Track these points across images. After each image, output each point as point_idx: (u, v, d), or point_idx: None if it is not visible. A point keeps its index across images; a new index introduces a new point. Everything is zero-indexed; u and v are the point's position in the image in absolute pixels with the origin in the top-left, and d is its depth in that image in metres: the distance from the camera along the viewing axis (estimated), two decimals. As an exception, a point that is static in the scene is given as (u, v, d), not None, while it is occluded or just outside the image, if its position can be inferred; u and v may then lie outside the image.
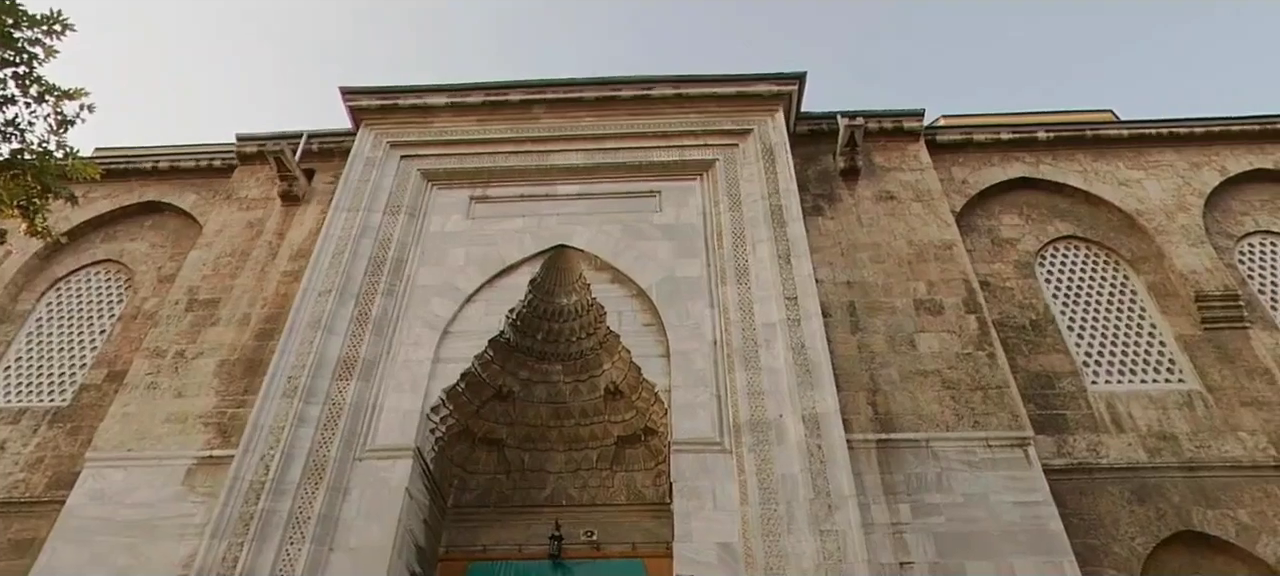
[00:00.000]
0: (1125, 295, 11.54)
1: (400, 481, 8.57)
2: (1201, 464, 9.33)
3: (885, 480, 8.69)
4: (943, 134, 13.47)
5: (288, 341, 9.69)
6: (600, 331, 10.24)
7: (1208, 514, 8.92)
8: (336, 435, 8.87)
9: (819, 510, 8.05)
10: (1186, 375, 10.39)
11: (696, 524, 8.13)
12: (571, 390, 10.37)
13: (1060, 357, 10.52)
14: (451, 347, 9.90)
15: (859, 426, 9.14)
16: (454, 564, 9.19)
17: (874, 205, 11.94)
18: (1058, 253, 12.18)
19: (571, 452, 10.16)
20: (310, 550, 7.93)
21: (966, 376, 9.66)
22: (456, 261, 10.87)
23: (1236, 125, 13.34)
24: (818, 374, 9.17)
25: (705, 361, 9.56)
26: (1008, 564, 8.03)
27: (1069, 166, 13.08)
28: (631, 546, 9.23)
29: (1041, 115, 15.10)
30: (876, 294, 10.68)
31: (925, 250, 11.20)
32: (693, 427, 8.92)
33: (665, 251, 10.84)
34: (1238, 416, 9.83)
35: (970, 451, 8.90)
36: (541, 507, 9.68)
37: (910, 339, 10.13)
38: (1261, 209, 12.60)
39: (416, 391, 9.42)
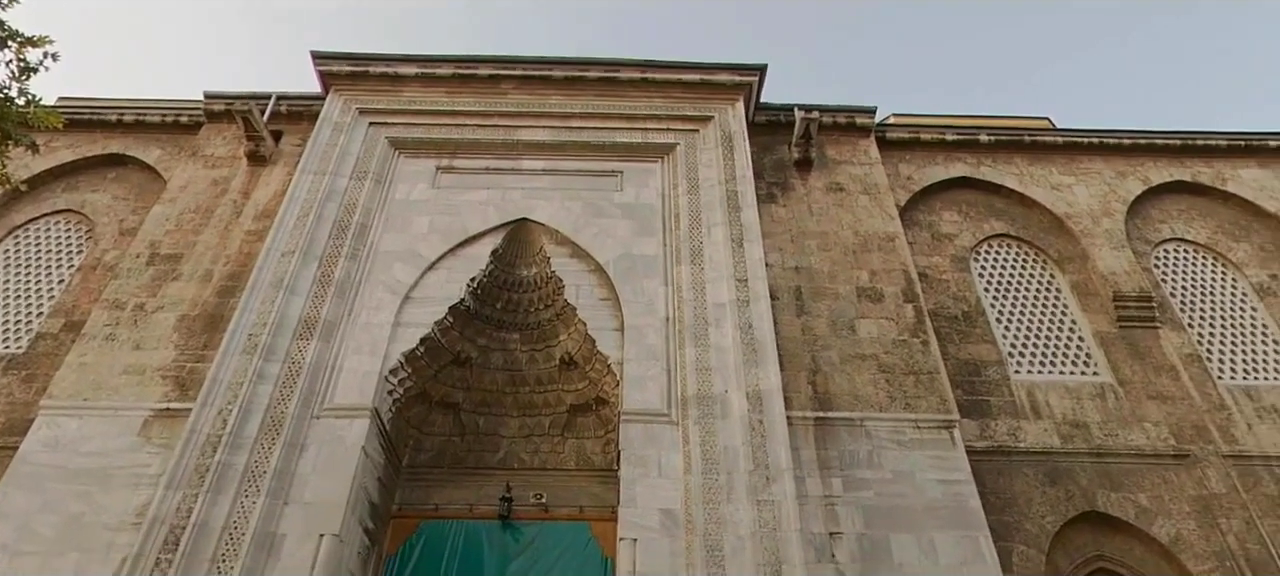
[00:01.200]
0: (1051, 292, 11.89)
1: (356, 440, 8.47)
2: (1109, 451, 9.72)
3: (821, 455, 8.87)
4: (892, 131, 13.65)
5: (249, 299, 9.47)
6: (558, 303, 10.21)
7: (1111, 496, 9.30)
8: (295, 393, 8.72)
9: (757, 481, 8.18)
10: (1101, 369, 10.78)
11: (641, 490, 8.21)
12: (528, 358, 10.33)
13: (988, 348, 10.82)
14: (412, 313, 9.79)
15: (799, 404, 9.30)
16: (406, 521, 9.14)
17: (824, 196, 12.07)
18: (992, 249, 12.48)
19: (525, 418, 10.15)
20: (265, 503, 7.82)
21: (901, 361, 9.87)
22: (420, 229, 10.71)
23: (1160, 139, 13.76)
24: (763, 353, 9.28)
25: (657, 337, 9.61)
26: (929, 537, 8.28)
27: (1007, 169, 13.37)
28: (579, 509, 9.28)
29: (984, 119, 15.39)
30: (822, 280, 10.83)
31: (870, 241, 11.37)
32: (642, 399, 8.97)
33: (624, 229, 10.83)
34: (1144, 408, 10.24)
35: (901, 431, 9.13)
36: (494, 470, 9.67)
37: (851, 324, 10.31)
38: (1178, 218, 13.06)
39: (376, 354, 9.30)
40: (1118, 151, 13.73)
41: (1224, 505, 9.26)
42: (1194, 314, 11.71)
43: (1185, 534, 9.00)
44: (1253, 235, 12.81)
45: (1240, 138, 13.80)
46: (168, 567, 7.25)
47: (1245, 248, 12.61)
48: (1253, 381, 10.81)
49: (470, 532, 9.02)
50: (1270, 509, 9.26)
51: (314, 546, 7.63)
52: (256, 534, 7.60)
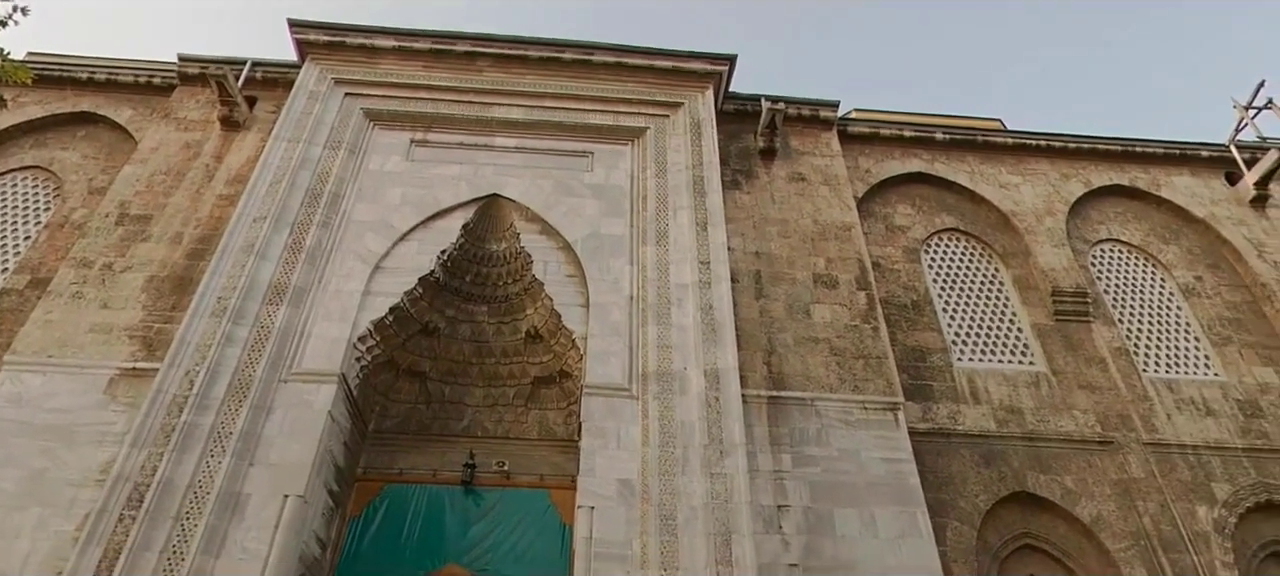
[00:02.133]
0: (994, 285, 12.16)
1: (324, 404, 8.37)
2: (1040, 435, 10.02)
3: (772, 432, 9.01)
4: (853, 126, 13.76)
5: (219, 263, 9.27)
6: (526, 278, 10.16)
7: (1040, 478, 9.61)
8: (263, 356, 8.58)
9: (712, 455, 8.29)
10: (1037, 359, 11.08)
11: (600, 460, 8.26)
12: (494, 331, 10.29)
13: (933, 336, 11.05)
14: (382, 282, 9.66)
15: (754, 383, 9.42)
16: (370, 484, 9.09)
17: (786, 185, 12.15)
18: (942, 242, 12.70)
19: (490, 388, 10.12)
20: (230, 463, 7.71)
21: (852, 345, 10.04)
22: (393, 200, 10.55)
23: (1102, 144, 14.09)
24: (722, 333, 9.36)
25: (621, 314, 9.63)
26: (871, 511, 8.49)
27: (959, 166, 13.58)
28: (539, 477, 9.31)
29: (940, 118, 15.58)
30: (781, 265, 10.93)
31: (827, 230, 11.50)
32: (605, 374, 9.00)
33: (593, 209, 10.79)
34: (1074, 397, 10.57)
35: (848, 411, 9.30)
36: (458, 437, 9.64)
37: (806, 308, 10.44)
38: (1115, 220, 13.42)
39: (345, 321, 9.18)
40: (1063, 154, 14.03)
41: (1142, 489, 9.63)
42: (1124, 310, 12.07)
43: (1105, 514, 9.35)
44: (1182, 238, 13.22)
45: (1176, 146, 14.19)
46: (131, 523, 7.13)
47: (1174, 250, 13.01)
48: (1174, 375, 11.21)
49: (433, 497, 9.01)
50: (1183, 493, 9.65)
51: (279, 506, 7.56)
52: (221, 493, 7.50)
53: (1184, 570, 8.96)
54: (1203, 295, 12.33)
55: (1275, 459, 10.18)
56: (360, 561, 8.47)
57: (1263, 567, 9.47)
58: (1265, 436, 10.43)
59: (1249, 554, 9.43)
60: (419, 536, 8.68)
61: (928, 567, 8.12)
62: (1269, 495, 9.79)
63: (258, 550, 7.26)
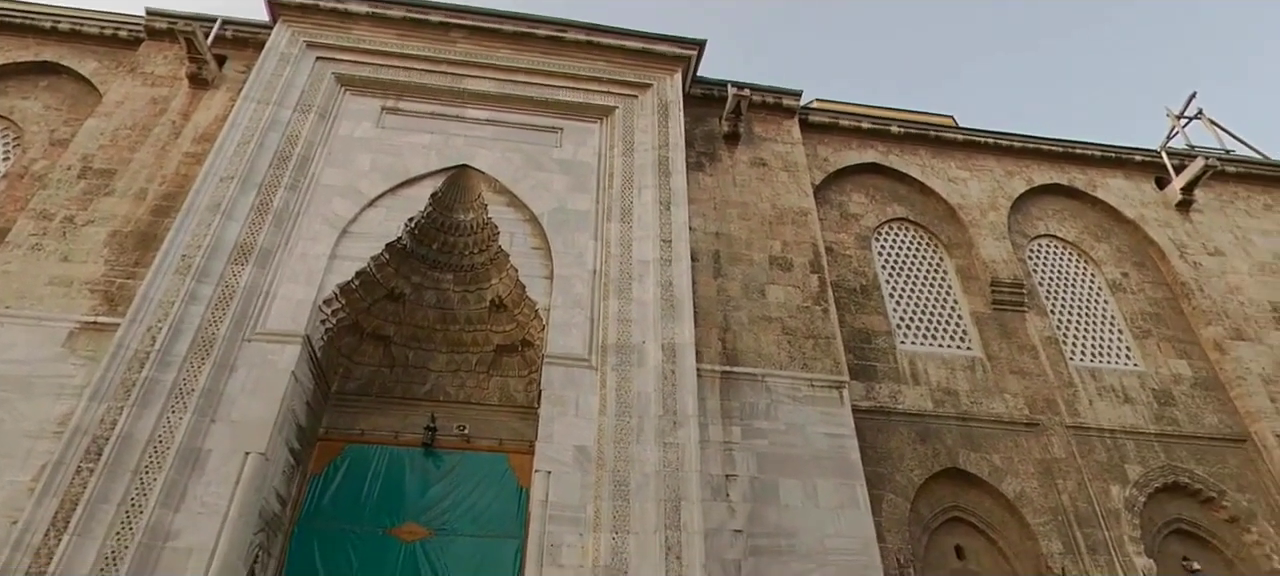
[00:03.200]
0: (938, 274, 12.41)
1: (287, 364, 8.21)
2: (972, 416, 10.33)
3: (724, 405, 9.13)
4: (814, 115, 13.82)
5: (185, 220, 8.97)
6: (492, 249, 10.06)
7: (971, 456, 9.92)
8: (227, 315, 8.35)
9: (665, 425, 8.37)
10: (974, 344, 11.38)
11: (558, 427, 8.28)
12: (459, 299, 10.17)
13: (880, 319, 11.26)
14: (349, 247, 9.46)
15: (709, 358, 9.51)
16: (332, 443, 8.97)
17: (748, 169, 12.19)
18: (892, 231, 12.90)
19: (453, 354, 10.03)
20: (192, 420, 7.53)
21: (803, 326, 10.18)
22: (362, 166, 10.31)
23: (1046, 145, 14.39)
24: (680, 309, 9.40)
25: (584, 287, 9.60)
26: (813, 483, 8.69)
27: (912, 160, 13.77)
28: (499, 442, 9.30)
29: (896, 111, 15.75)
30: (739, 246, 11.00)
31: (785, 214, 11.59)
32: (566, 344, 8.99)
33: (560, 184, 10.69)
34: (1006, 381, 10.90)
35: (797, 388, 9.46)
36: (420, 401, 9.55)
37: (762, 288, 10.54)
38: (1053, 216, 13.77)
39: (311, 283, 8.98)
40: (1009, 153, 14.30)
41: (1062, 468, 10.01)
42: (1056, 302, 12.44)
43: (1028, 491, 9.71)
44: (1112, 237, 13.64)
45: (1112, 150, 14.57)
46: (89, 476, 6.94)
47: (1105, 247, 13.43)
48: (1098, 364, 11.62)
49: (394, 457, 8.94)
50: (1099, 473, 10.07)
51: (239, 463, 7.42)
52: (182, 448, 7.34)
53: (1096, 544, 9.37)
54: (1128, 291, 12.76)
55: (1183, 444, 10.67)
56: (320, 517, 8.38)
57: (1165, 543, 9.96)
58: (1176, 423, 10.91)
59: (1154, 530, 9.90)
60: (379, 495, 8.62)
61: (864, 537, 8.36)
62: (1175, 477, 10.27)
63: (217, 505, 7.13)
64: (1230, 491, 10.26)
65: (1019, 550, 9.44)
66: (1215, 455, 10.65)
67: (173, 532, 6.95)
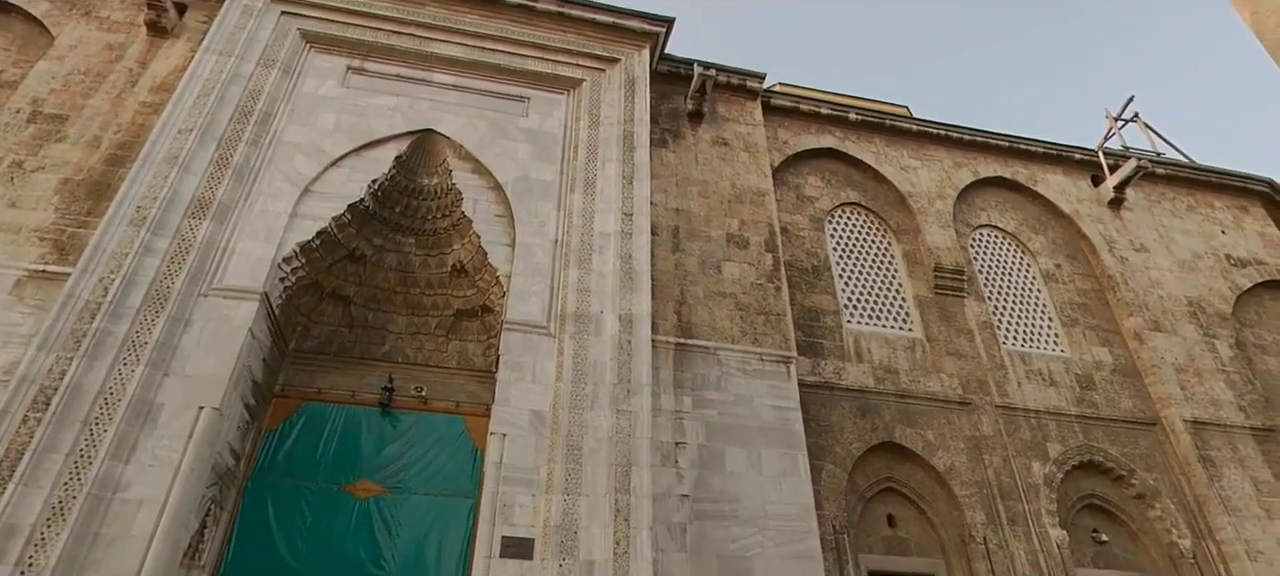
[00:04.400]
0: (886, 258, 12.65)
1: (244, 321, 7.99)
2: (910, 394, 10.62)
3: (677, 376, 9.21)
4: (776, 99, 13.83)
5: (140, 171, 8.60)
6: (455, 214, 9.89)
7: (907, 431, 10.22)
8: (183, 269, 8.07)
9: (619, 393, 8.42)
10: (915, 326, 11.66)
11: (515, 392, 8.25)
12: (421, 262, 10.00)
13: (829, 299, 11.45)
14: (310, 206, 9.19)
15: (665, 330, 9.56)
16: (288, 401, 8.79)
17: (710, 148, 12.18)
18: (844, 215, 13.07)
19: (413, 317, 9.87)
20: (144, 372, 7.30)
21: (756, 302, 10.29)
22: (326, 125, 9.98)
23: (993, 139, 14.67)
24: (638, 282, 9.41)
25: (545, 256, 9.52)
26: (758, 452, 8.86)
27: (867, 147, 13.91)
28: (456, 404, 9.23)
29: (854, 99, 15.85)
30: (698, 223, 11.03)
31: (744, 194, 11.64)
32: (525, 311, 8.93)
33: (525, 153, 10.53)
34: (943, 362, 11.22)
35: (747, 362, 9.59)
36: (378, 361, 9.41)
37: (718, 265, 10.60)
38: (995, 208, 14.10)
39: (270, 240, 8.72)
40: (958, 145, 14.55)
41: (989, 444, 10.39)
42: (993, 289, 12.80)
43: (957, 465, 10.06)
44: (1048, 230, 14.05)
45: (1053, 147, 14.94)
46: (36, 425, 6.69)
47: (1041, 239, 13.83)
48: (1028, 349, 12.03)
49: (350, 416, 8.81)
50: (1022, 450, 10.48)
51: (193, 417, 7.23)
52: (133, 400, 7.11)
53: (1016, 515, 9.79)
54: (1060, 281, 13.19)
55: (1100, 425, 11.16)
56: (274, 473, 8.24)
57: (1078, 516, 10.46)
58: (1094, 406, 11.39)
59: (1069, 504, 10.38)
60: (335, 453, 8.50)
61: (803, 504, 8.58)
62: (1091, 456, 10.75)
63: (169, 458, 6.96)
64: (1139, 470, 10.79)
65: (946, 519, 9.81)
66: (1128, 437, 11.17)
67: (123, 484, 6.77)
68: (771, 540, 8.25)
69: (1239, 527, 10.28)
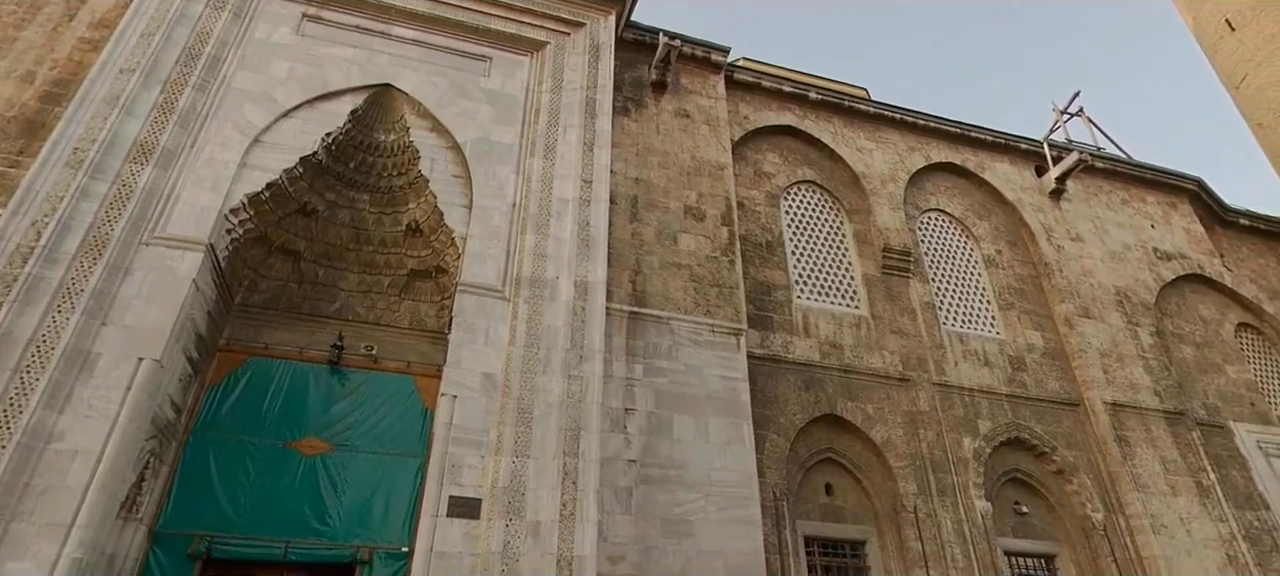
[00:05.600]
0: (838, 236, 12.85)
1: (188, 272, 7.70)
2: (853, 369, 10.91)
3: (629, 343, 9.27)
4: (740, 73, 13.79)
5: (78, 111, 8.14)
6: (412, 173, 9.64)
7: (848, 404, 10.51)
8: (124, 216, 7.71)
9: (572, 359, 8.43)
10: (861, 304, 11.93)
11: (467, 354, 8.19)
12: (375, 220, 9.75)
13: (780, 274, 11.61)
14: (261, 157, 8.85)
15: (619, 298, 9.58)
16: (233, 355, 8.54)
17: (672, 119, 12.11)
18: (800, 192, 13.20)
19: (365, 275, 9.65)
20: (80, 321, 6.99)
21: (710, 274, 10.37)
22: (278, 74, 9.57)
23: (946, 126, 14.95)
24: (595, 249, 9.37)
25: (502, 219, 9.39)
26: (705, 420, 9.03)
27: (825, 126, 14.03)
28: (406, 364, 9.11)
29: (816, 78, 15.92)
30: (657, 194, 11.01)
31: (703, 166, 11.64)
32: (480, 274, 8.82)
33: (486, 114, 10.30)
34: (886, 339, 11.52)
35: (699, 332, 9.70)
36: (328, 319, 9.19)
37: (675, 236, 10.63)
38: (943, 193, 14.42)
39: (217, 190, 8.37)
40: (913, 130, 14.78)
41: (925, 420, 10.77)
42: (938, 271, 13.16)
43: (894, 438, 10.42)
44: (992, 216, 14.46)
45: (1002, 137, 15.30)
46: (-39, 372, 6.37)
47: (985, 225, 14.22)
48: (966, 330, 12.45)
49: (298, 372, 8.61)
50: (954, 426, 10.90)
51: (132, 368, 6.98)
52: (69, 349, 6.82)
53: (945, 487, 10.21)
54: (1000, 266, 13.63)
55: (1028, 405, 11.66)
56: (217, 427, 8.03)
57: (1002, 488, 10.97)
58: (1024, 386, 11.89)
59: (995, 477, 10.87)
60: (281, 408, 8.30)
61: (746, 471, 8.79)
62: (1018, 433, 11.25)
63: (106, 409, 6.72)
64: (1061, 448, 11.34)
65: (880, 489, 10.17)
66: (1053, 416, 11.71)
67: (56, 434, 6.52)
68: (714, 505, 8.45)
69: (1146, 503, 10.93)
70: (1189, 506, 11.16)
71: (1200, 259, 15.22)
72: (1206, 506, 11.27)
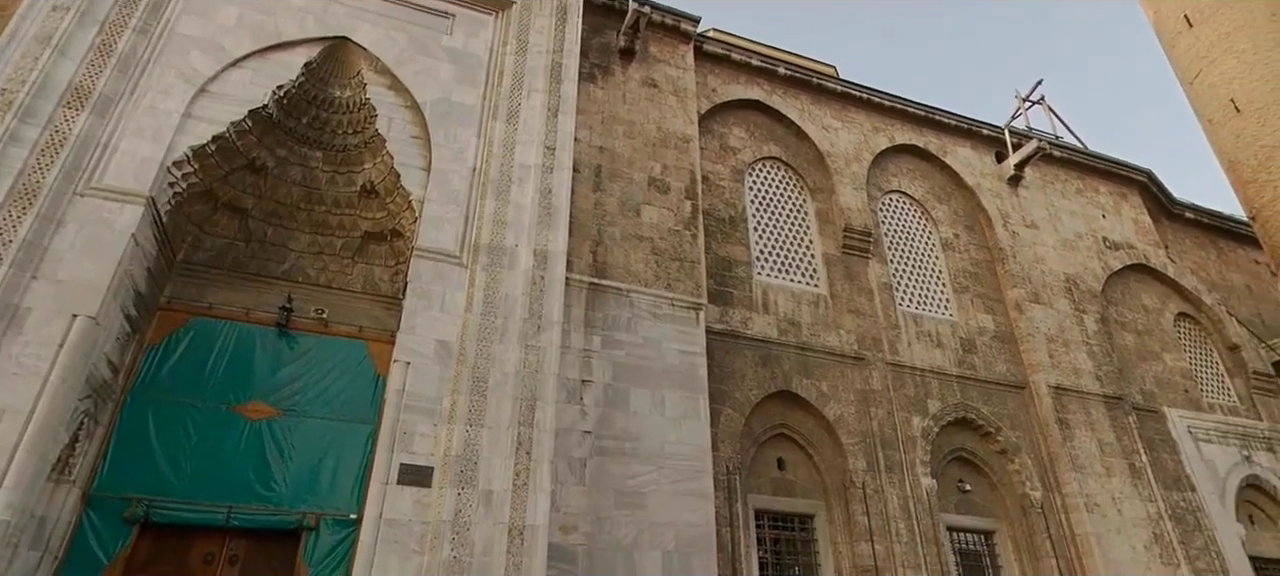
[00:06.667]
0: (800, 214, 13.01)
1: (127, 225, 7.41)
2: (810, 347, 11.13)
3: (588, 315, 9.29)
4: (709, 44, 13.73)
5: (7, 49, 7.70)
6: (368, 132, 9.39)
7: (803, 381, 10.75)
8: (57, 164, 7.36)
9: (529, 329, 8.41)
10: (821, 282, 12.14)
11: (422, 320, 8.09)
12: (328, 179, 9.49)
13: (742, 250, 11.72)
14: (207, 107, 8.51)
15: (579, 269, 9.57)
16: (175, 314, 8.28)
17: (639, 88, 12.02)
18: (764, 168, 13.29)
19: (317, 236, 9.41)
20: (8, 273, 6.69)
21: (671, 248, 10.42)
22: (227, 21, 9.17)
23: (911, 108, 15.16)
24: (556, 218, 9.30)
25: (462, 183, 9.23)
26: (662, 394, 9.14)
27: (793, 103, 14.09)
28: (358, 329, 8.97)
29: (785, 54, 15.95)
30: (621, 164, 10.96)
31: (669, 138, 11.61)
32: (438, 239, 8.69)
33: (447, 74, 10.05)
34: (843, 319, 11.77)
35: (658, 306, 9.76)
36: (276, 280, 8.96)
37: (638, 208, 10.62)
38: (906, 175, 14.68)
39: (159, 141, 8.04)
40: (879, 110, 14.95)
41: (877, 398, 11.09)
42: (896, 252, 13.44)
43: (846, 415, 10.70)
44: (952, 200, 14.78)
45: (965, 121, 15.59)
46: (-125, 324, 6.06)
47: (944, 209, 14.55)
48: (921, 311, 12.78)
49: (244, 334, 8.40)
50: (905, 404, 11.24)
51: (65, 325, 6.72)
52: (-6, 303, 6.54)
53: (893, 464, 10.56)
54: (956, 249, 13.98)
55: (976, 386, 12.08)
56: (156, 388, 7.81)
57: (948, 466, 11.40)
58: (973, 368, 12.30)
59: (941, 456, 11.29)
60: (225, 371, 8.11)
61: (700, 445, 8.95)
62: (965, 413, 11.67)
63: (36, 366, 6.47)
64: (1005, 428, 11.81)
65: (831, 465, 10.47)
66: (999, 397, 12.17)
67: (-18, 392, 6.27)
68: (668, 478, 8.59)
69: (1082, 483, 11.49)
70: (1121, 487, 11.77)
71: (1146, 249, 15.85)
72: (1137, 487, 11.90)
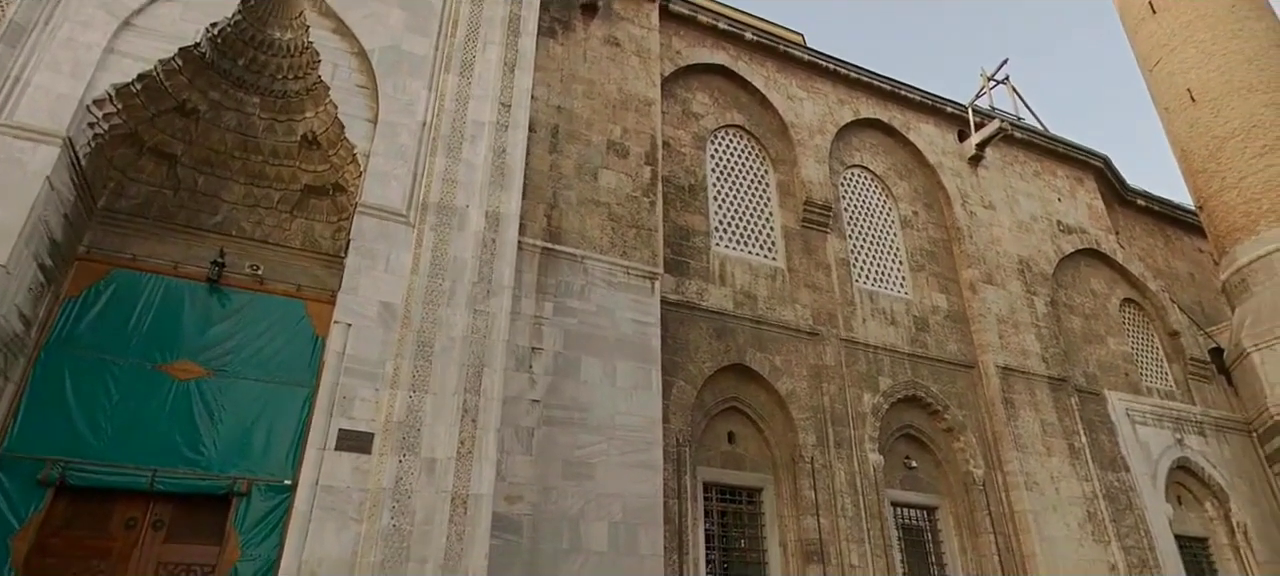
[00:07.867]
0: (762, 185, 13.08)
1: (41, 168, 7.01)
2: (765, 321, 11.29)
3: (541, 281, 9.22)
4: (675, 4, 13.52)
5: (-101, -34, 7.14)
6: (310, 78, 9.03)
7: (757, 355, 10.91)
8: (-41, 97, 6.91)
9: (479, 293, 8.31)
10: (779, 256, 12.28)
11: (365, 280, 7.91)
12: (266, 127, 9.12)
13: (701, 219, 11.74)
14: (132, 43, 8.05)
15: (532, 233, 9.47)
16: (95, 265, 7.90)
17: (601, 46, 11.82)
18: (727, 136, 13.28)
19: (252, 188, 9.06)
20: (-97, 215, 6.30)
21: (629, 214, 10.37)
22: (155, -52, 8.64)
23: (877, 81, 15.28)
24: (510, 178, 9.16)
25: (411, 138, 8.98)
26: (613, 364, 9.18)
27: (759, 70, 14.05)
28: (297, 288, 8.71)
29: (753, 18, 15.84)
30: (579, 125, 10.81)
31: (630, 100, 11.49)
32: (383, 195, 8.46)
33: (398, 20, 9.69)
34: (799, 293, 11.95)
35: (613, 274, 9.75)
36: (207, 232, 8.61)
37: (595, 172, 10.52)
38: (868, 150, 14.85)
39: (78, 77, 7.59)
40: (845, 82, 15.03)
41: (830, 374, 11.34)
42: (855, 227, 13.66)
43: (798, 390, 10.93)
44: (913, 177, 15.05)
45: (929, 98, 15.81)
46: None
47: (905, 186, 14.80)
48: (877, 288, 13.06)
49: (171, 289, 8.07)
50: (857, 381, 11.54)
51: (-31, 273, 6.38)
52: (-113, 247, 6.15)
53: (842, 440, 10.86)
54: (915, 227, 14.28)
55: (927, 364, 12.46)
56: (74, 344, 7.48)
57: (895, 443, 11.79)
58: (925, 346, 12.67)
59: (889, 432, 11.65)
60: (150, 327, 7.79)
61: (651, 416, 9.05)
62: (915, 391, 12.04)
63: (-63, 317, 6.14)
64: (953, 407, 12.24)
65: (781, 440, 10.72)
66: (949, 376, 12.58)
67: (-126, 342, 5.92)
68: (617, 448, 8.68)
69: (1023, 461, 12.02)
70: (1060, 466, 12.36)
71: (1098, 235, 16.45)
72: (1075, 467, 12.51)
